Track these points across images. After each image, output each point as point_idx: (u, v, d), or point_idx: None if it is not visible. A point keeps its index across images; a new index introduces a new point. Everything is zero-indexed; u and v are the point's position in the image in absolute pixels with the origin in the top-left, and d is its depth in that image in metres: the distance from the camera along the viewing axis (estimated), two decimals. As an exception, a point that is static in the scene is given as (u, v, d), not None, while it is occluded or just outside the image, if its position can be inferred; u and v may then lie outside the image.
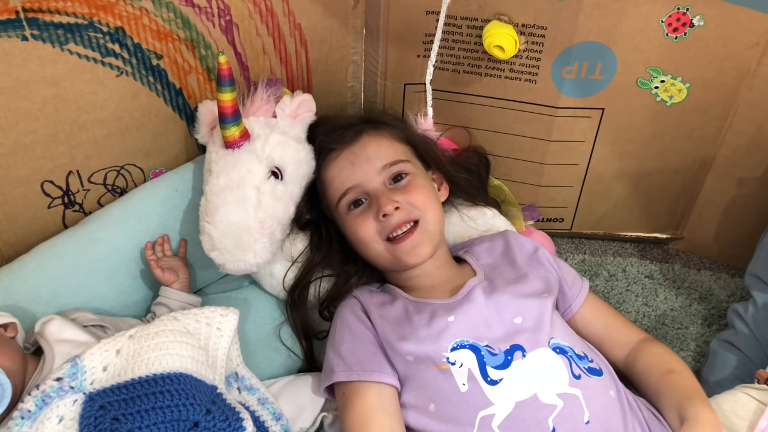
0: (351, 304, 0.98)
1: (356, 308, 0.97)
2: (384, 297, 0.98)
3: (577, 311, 1.01)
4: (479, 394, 0.85)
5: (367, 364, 0.90)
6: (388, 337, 0.91)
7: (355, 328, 0.94)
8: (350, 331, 0.94)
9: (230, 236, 0.97)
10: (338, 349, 0.92)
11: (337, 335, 0.95)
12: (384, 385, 0.89)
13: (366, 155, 1.00)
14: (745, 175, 1.24)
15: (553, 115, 1.21)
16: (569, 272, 1.04)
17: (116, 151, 1.08)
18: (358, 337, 0.93)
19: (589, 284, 1.04)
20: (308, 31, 1.14)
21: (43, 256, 1.01)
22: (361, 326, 0.94)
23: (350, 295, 1.00)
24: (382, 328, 0.92)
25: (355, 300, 0.98)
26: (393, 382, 0.89)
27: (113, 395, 0.84)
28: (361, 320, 0.95)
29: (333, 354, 0.93)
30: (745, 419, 0.88)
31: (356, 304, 0.98)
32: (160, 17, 1.01)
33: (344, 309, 0.98)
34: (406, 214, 0.97)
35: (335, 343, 0.94)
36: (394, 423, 0.87)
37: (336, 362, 0.91)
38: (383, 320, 0.93)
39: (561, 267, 1.03)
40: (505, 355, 0.87)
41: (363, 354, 0.91)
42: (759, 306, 1.10)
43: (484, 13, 1.12)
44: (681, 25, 1.08)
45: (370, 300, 0.97)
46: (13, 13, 0.90)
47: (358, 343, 0.92)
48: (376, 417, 0.86)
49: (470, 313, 0.91)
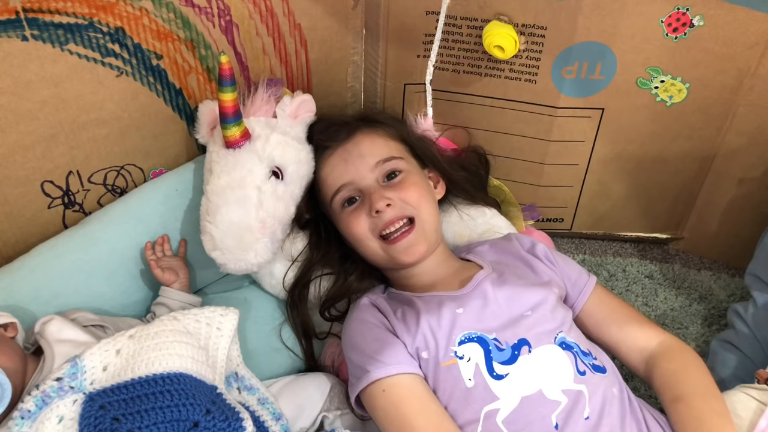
0: (367, 308, 0.96)
1: (373, 310, 0.95)
2: (394, 303, 0.97)
3: (583, 307, 1.00)
4: (485, 389, 0.85)
5: (401, 356, 0.88)
6: (404, 335, 0.90)
7: (376, 328, 0.92)
8: (372, 332, 0.92)
9: (231, 236, 0.97)
10: (364, 350, 0.90)
11: (358, 337, 0.93)
12: (418, 376, 0.88)
13: (359, 152, 1.00)
14: (745, 175, 1.24)
15: (553, 115, 1.21)
16: (574, 268, 1.02)
17: (116, 151, 1.08)
18: (382, 335, 0.91)
19: (596, 279, 1.02)
20: (308, 31, 1.14)
21: (43, 256, 1.01)
22: (382, 326, 0.93)
23: (367, 300, 0.98)
24: (399, 327, 0.91)
25: (373, 306, 0.97)
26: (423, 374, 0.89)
27: (113, 395, 0.84)
28: (382, 322, 0.93)
29: (359, 356, 0.90)
30: (745, 419, 0.88)
31: (372, 308, 0.96)
32: (160, 17, 1.01)
33: (362, 314, 0.96)
34: (398, 210, 0.97)
35: (359, 346, 0.92)
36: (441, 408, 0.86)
37: (367, 362, 0.89)
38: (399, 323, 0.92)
39: (564, 263, 1.02)
40: (512, 350, 0.87)
41: (394, 348, 0.89)
42: (759, 306, 1.10)
43: (484, 13, 1.12)
44: (681, 25, 1.08)
45: (387, 304, 0.96)
46: (13, 13, 0.90)
47: (385, 341, 0.90)
48: (429, 401, 0.86)
49: (479, 306, 0.91)
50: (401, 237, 0.96)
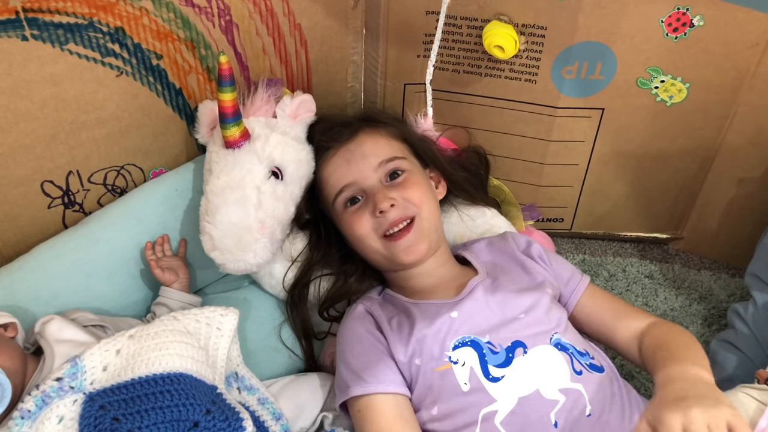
0: (362, 318, 0.96)
1: (368, 322, 0.95)
2: (390, 308, 0.97)
3: (577, 304, 1.00)
4: (481, 392, 0.85)
5: (382, 375, 0.89)
6: (396, 346, 0.90)
7: (366, 341, 0.93)
8: (361, 345, 0.93)
9: (231, 236, 0.97)
10: (350, 364, 0.91)
11: (347, 350, 0.93)
12: (399, 395, 0.89)
13: (362, 153, 1.00)
14: (745, 175, 1.24)
15: (553, 115, 1.21)
16: (567, 269, 1.02)
17: (116, 151, 1.08)
18: (370, 350, 0.92)
19: (589, 279, 1.02)
20: (308, 31, 1.14)
21: (43, 256, 1.01)
22: (372, 339, 0.93)
23: (362, 308, 0.98)
24: (392, 338, 0.91)
25: (368, 314, 0.97)
26: (407, 392, 0.89)
27: (113, 395, 0.84)
28: (372, 333, 0.93)
29: (345, 369, 0.92)
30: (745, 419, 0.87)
31: (366, 317, 0.96)
32: (160, 17, 1.01)
33: (354, 323, 0.96)
34: (402, 210, 0.97)
35: (346, 359, 0.92)
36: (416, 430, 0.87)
37: (350, 377, 0.90)
38: (393, 331, 0.92)
39: (557, 264, 1.02)
40: (506, 353, 0.88)
41: (376, 366, 0.90)
42: (759, 306, 1.10)
43: (484, 13, 1.12)
44: (681, 25, 1.08)
45: (382, 313, 0.96)
46: (13, 13, 0.90)
47: (371, 357, 0.91)
48: (398, 427, 0.86)
49: (473, 311, 0.91)
50: (401, 235, 0.96)
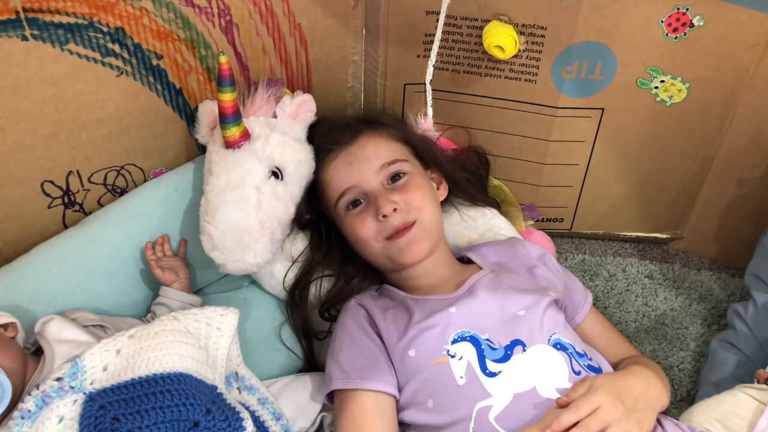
0: (354, 312, 0.97)
1: (359, 315, 0.96)
2: (386, 301, 0.98)
3: (581, 322, 1.02)
4: (477, 386, 0.85)
5: (366, 372, 0.89)
6: (391, 338, 0.91)
7: (355, 335, 0.93)
8: (350, 339, 0.93)
9: (230, 236, 0.97)
10: (336, 357, 0.92)
11: (337, 343, 0.95)
12: (381, 394, 0.89)
13: (363, 155, 1.00)
14: (745, 175, 1.24)
15: (553, 115, 1.21)
16: (577, 283, 1.06)
17: (116, 151, 1.08)
18: (358, 344, 0.92)
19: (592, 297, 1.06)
20: (308, 31, 1.14)
21: (43, 256, 1.01)
22: (362, 334, 0.93)
23: (353, 302, 0.99)
24: (387, 330, 0.92)
25: (359, 307, 0.98)
26: (391, 391, 0.89)
27: (113, 395, 0.84)
28: (363, 328, 0.94)
29: (331, 362, 0.93)
30: (745, 419, 0.87)
31: (360, 311, 0.97)
32: (160, 17, 1.01)
33: (346, 317, 0.97)
34: (404, 215, 0.97)
35: (334, 351, 0.94)
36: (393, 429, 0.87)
37: (334, 370, 0.91)
38: (387, 323, 0.93)
39: (568, 277, 1.05)
40: (505, 350, 0.88)
41: (362, 362, 0.90)
42: (759, 306, 1.10)
43: (484, 13, 1.12)
44: (681, 25, 1.08)
45: (374, 305, 0.96)
46: (13, 13, 0.90)
47: (358, 351, 0.92)
48: (371, 424, 0.86)
49: (472, 306, 0.91)
50: (401, 234, 0.96)
